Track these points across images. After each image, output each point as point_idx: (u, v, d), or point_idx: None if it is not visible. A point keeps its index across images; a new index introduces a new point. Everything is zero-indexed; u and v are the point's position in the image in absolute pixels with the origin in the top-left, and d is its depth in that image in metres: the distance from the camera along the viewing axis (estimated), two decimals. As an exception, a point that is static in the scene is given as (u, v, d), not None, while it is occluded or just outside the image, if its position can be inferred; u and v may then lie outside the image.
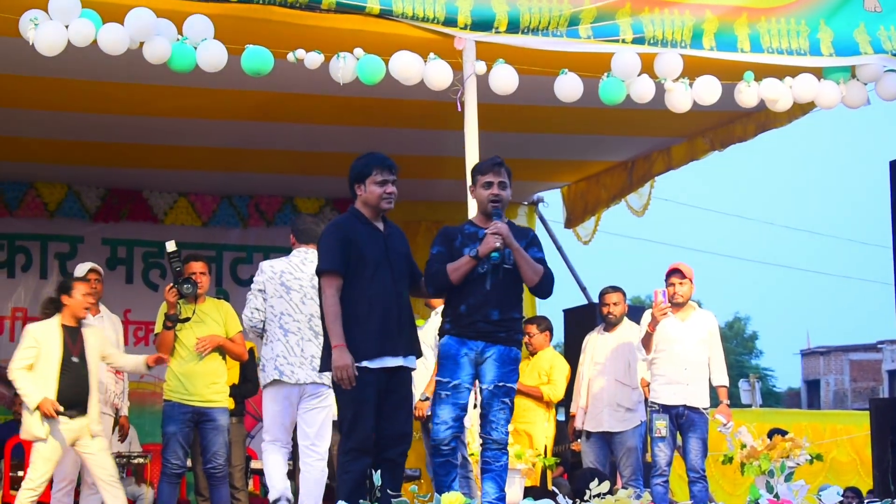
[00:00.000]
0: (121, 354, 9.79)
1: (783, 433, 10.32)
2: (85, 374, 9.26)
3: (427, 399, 9.91)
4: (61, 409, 9.04)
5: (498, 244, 7.28)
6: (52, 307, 9.37)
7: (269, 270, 8.84)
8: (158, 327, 9.76)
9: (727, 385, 10.18)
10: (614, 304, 10.68)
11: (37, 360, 9.15)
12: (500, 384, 7.43)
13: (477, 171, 7.63)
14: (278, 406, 8.79)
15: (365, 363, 7.13)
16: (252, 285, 8.91)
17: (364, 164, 7.40)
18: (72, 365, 9.22)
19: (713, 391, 10.20)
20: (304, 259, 8.84)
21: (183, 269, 9.68)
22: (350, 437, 7.19)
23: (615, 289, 10.76)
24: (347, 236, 7.29)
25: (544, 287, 7.58)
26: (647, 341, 10.04)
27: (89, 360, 9.31)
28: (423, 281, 7.58)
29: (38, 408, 9.00)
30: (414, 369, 7.48)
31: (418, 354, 7.51)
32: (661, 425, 9.92)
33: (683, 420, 9.95)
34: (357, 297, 7.23)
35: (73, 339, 9.27)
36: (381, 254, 7.33)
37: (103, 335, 9.61)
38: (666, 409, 9.95)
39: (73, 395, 9.17)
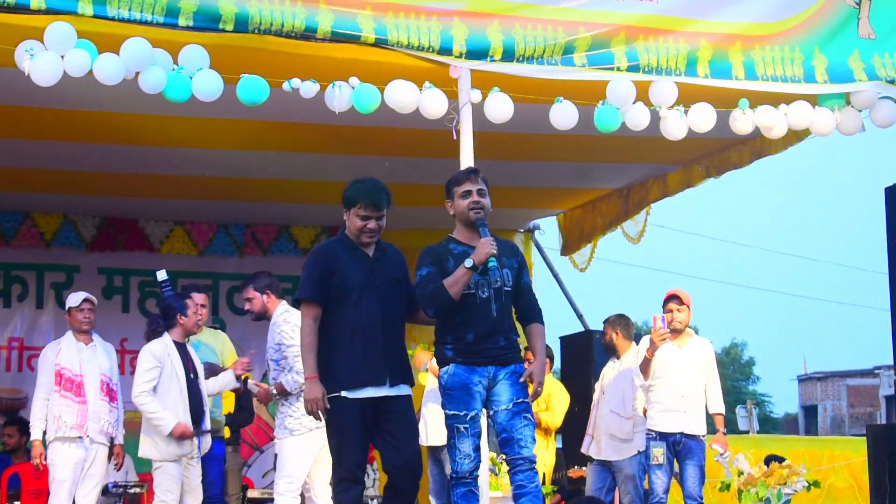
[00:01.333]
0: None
1: (780, 460, 10.31)
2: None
3: None
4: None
5: (493, 250, 7.10)
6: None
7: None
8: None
9: (723, 413, 10.18)
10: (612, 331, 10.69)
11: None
12: (519, 401, 7.21)
13: (453, 182, 7.42)
14: None
15: (345, 394, 7.03)
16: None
17: (353, 193, 7.33)
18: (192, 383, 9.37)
19: (710, 418, 10.20)
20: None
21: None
22: (339, 467, 7.11)
23: (620, 317, 10.76)
24: (328, 265, 7.21)
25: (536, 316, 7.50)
26: (645, 367, 10.04)
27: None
28: (420, 304, 7.32)
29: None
30: (408, 395, 7.28)
31: (411, 383, 7.35)
32: (659, 453, 9.92)
33: (681, 447, 9.96)
34: (339, 325, 7.14)
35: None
36: (367, 279, 7.21)
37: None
38: (663, 436, 9.96)
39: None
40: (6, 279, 13.75)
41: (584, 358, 11.58)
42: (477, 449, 7.24)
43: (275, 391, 9.14)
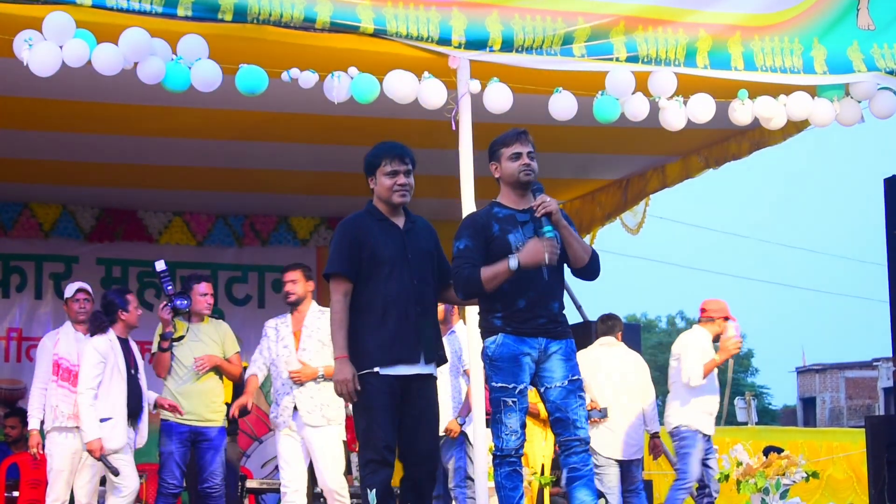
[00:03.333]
0: None
1: (779, 451, 10.36)
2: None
3: (463, 423, 9.94)
4: None
5: (551, 208, 6.83)
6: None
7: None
8: (154, 347, 9.79)
9: None
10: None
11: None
12: (574, 378, 6.93)
13: (499, 143, 7.15)
14: None
15: (376, 369, 6.76)
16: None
17: (374, 155, 7.05)
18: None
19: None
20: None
21: (175, 287, 9.72)
22: (367, 448, 6.83)
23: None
24: (357, 236, 6.90)
25: (594, 267, 7.10)
26: (708, 370, 10.50)
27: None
28: (453, 283, 7.01)
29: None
30: (436, 377, 7.04)
31: (441, 361, 7.07)
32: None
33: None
34: (371, 300, 6.84)
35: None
36: (399, 252, 6.90)
37: None
38: (707, 438, 10.62)
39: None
40: (5, 269, 13.75)
41: (582, 349, 11.53)
42: (524, 426, 6.93)
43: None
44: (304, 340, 9.50)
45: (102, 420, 9.21)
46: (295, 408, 9.42)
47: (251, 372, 9.73)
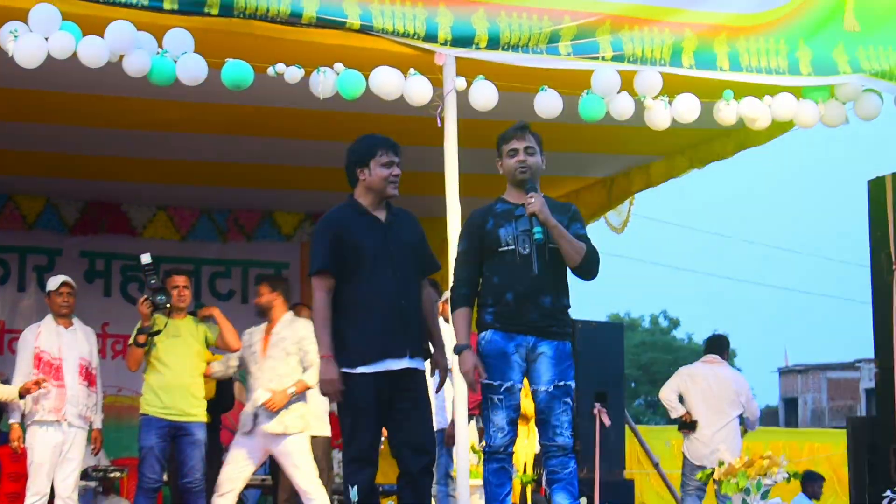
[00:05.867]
0: None
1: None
2: None
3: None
4: None
5: (536, 209, 6.85)
6: None
7: None
8: (132, 340, 9.76)
9: None
10: None
11: None
12: (560, 383, 6.88)
13: (501, 140, 7.19)
14: None
15: (362, 369, 6.72)
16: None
17: (368, 145, 7.02)
18: None
19: None
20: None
21: (158, 281, 9.68)
22: (350, 446, 6.82)
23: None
24: (339, 232, 6.86)
25: (588, 267, 7.02)
26: None
27: None
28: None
29: None
30: (424, 370, 6.98)
31: (426, 356, 7.01)
32: None
33: None
34: (355, 296, 6.80)
35: None
36: (381, 246, 6.86)
37: None
38: None
39: None
40: (-12, 261, 13.71)
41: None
42: (512, 423, 6.91)
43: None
44: (270, 348, 9.64)
45: None
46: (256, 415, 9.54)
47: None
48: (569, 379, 6.94)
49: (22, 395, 9.56)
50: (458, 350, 6.92)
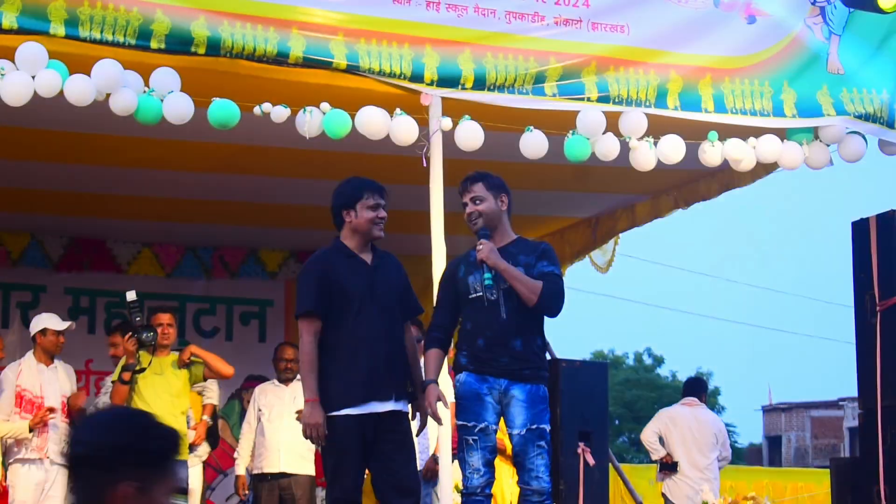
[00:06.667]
0: None
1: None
2: None
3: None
4: None
5: (485, 256, 6.92)
6: None
7: None
8: (115, 377, 9.72)
9: None
10: None
11: None
12: (533, 427, 6.92)
13: (459, 193, 7.32)
14: None
15: (346, 411, 6.73)
16: None
17: (354, 188, 7.08)
18: None
19: None
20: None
21: (143, 318, 9.66)
22: (334, 487, 6.85)
23: None
24: (326, 274, 6.89)
25: (546, 304, 7.02)
26: None
27: None
28: None
29: None
30: (408, 412, 7.02)
31: (410, 398, 7.03)
32: None
33: None
34: (341, 338, 6.82)
35: None
36: (367, 289, 6.90)
37: None
38: None
39: None
40: (-28, 298, 13.66)
41: (549, 387, 11.53)
42: (488, 464, 6.95)
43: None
44: None
45: None
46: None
47: None
48: (542, 422, 6.98)
49: (31, 430, 9.55)
50: (424, 385, 6.99)
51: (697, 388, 12.33)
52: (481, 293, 7.00)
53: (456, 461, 7.72)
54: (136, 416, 3.36)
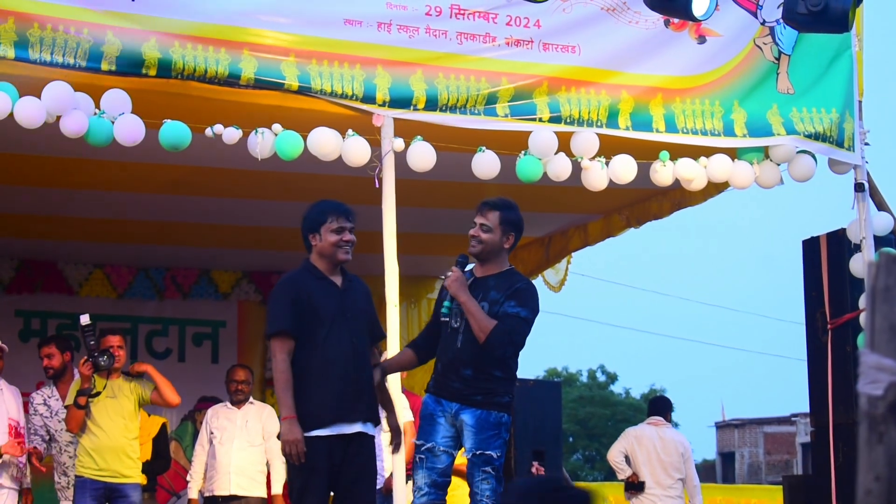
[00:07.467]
0: None
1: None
2: None
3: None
4: None
5: (450, 287, 7.08)
6: None
7: None
8: (69, 401, 9.65)
9: None
10: None
11: None
12: (479, 452, 6.99)
13: (475, 210, 7.48)
14: None
15: (316, 432, 6.74)
16: None
17: (319, 212, 7.10)
18: None
19: None
20: None
21: (98, 342, 9.61)
22: None
23: None
24: (299, 294, 6.90)
25: (491, 344, 6.97)
26: None
27: None
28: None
29: None
30: (374, 436, 7.07)
31: (377, 421, 7.08)
32: None
33: None
34: (311, 360, 6.83)
35: None
36: (337, 311, 6.92)
37: None
38: None
39: None
40: (-80, 321, 13.53)
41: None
42: (433, 485, 7.04)
43: None
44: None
45: None
46: None
47: None
48: (489, 449, 7.03)
49: None
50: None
51: (663, 407, 12.32)
52: (448, 319, 7.15)
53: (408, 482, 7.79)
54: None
